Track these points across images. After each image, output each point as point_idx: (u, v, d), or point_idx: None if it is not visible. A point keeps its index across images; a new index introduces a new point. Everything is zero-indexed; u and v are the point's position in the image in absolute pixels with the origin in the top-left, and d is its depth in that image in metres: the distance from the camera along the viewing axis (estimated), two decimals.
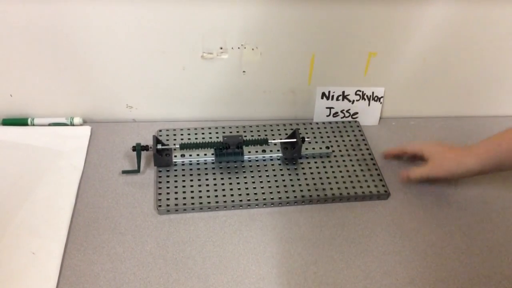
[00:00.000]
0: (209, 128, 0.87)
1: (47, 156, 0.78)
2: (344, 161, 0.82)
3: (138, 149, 0.77)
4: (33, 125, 0.85)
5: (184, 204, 0.72)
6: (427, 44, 0.84)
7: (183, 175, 0.77)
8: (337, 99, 0.90)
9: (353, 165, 0.82)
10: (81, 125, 0.86)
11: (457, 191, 0.80)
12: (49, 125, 0.85)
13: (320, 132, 0.88)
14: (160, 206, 0.72)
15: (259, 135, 0.86)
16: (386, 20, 0.80)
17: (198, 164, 0.80)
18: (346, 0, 0.76)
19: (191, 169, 0.79)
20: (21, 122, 0.84)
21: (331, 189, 0.77)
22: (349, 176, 0.80)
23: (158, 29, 0.76)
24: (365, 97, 0.90)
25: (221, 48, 0.80)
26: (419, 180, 0.77)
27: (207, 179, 0.77)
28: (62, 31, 0.74)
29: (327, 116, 0.92)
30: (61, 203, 0.71)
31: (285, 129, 0.88)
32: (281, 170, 0.80)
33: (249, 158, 0.81)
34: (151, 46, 0.78)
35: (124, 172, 0.78)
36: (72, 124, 0.85)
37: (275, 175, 0.79)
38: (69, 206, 0.71)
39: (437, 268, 0.68)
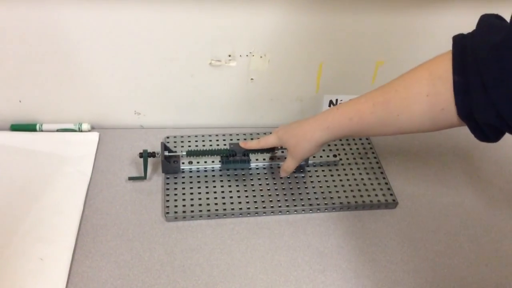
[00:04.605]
0: (217, 135, 0.87)
1: (55, 162, 0.78)
2: (351, 169, 0.82)
3: (145, 156, 0.77)
4: (42, 130, 0.85)
5: (192, 211, 0.72)
6: (434, 53, 0.84)
7: (191, 182, 0.77)
8: None
9: (360, 174, 0.82)
10: (89, 131, 0.86)
11: (464, 201, 0.80)
12: (58, 131, 0.85)
13: None
14: (168, 213, 0.72)
15: None
16: (394, 29, 0.80)
17: (205, 171, 0.80)
18: (354, 9, 0.76)
19: (198, 176, 0.79)
20: (29, 127, 0.84)
21: (339, 197, 0.77)
22: (357, 185, 0.79)
23: (167, 36, 0.76)
24: None
25: (230, 56, 0.80)
26: (292, 171, 0.75)
27: (214, 187, 0.77)
28: (71, 37, 0.75)
29: None
30: (69, 209, 0.71)
31: None
32: (288, 178, 0.79)
33: (256, 165, 0.81)
34: (160, 53, 0.79)
35: (131, 178, 0.78)
36: (80, 130, 0.86)
37: (282, 183, 0.79)
38: (77, 212, 0.71)
39: (446, 278, 0.68)
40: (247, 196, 0.76)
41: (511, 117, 0.45)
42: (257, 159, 0.81)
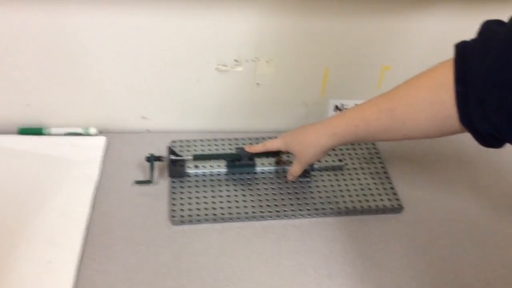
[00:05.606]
0: (222, 139, 0.88)
1: (62, 166, 0.79)
2: (357, 174, 0.83)
3: (152, 160, 0.77)
4: (49, 134, 0.85)
5: (198, 215, 0.73)
6: (439, 58, 0.84)
7: (197, 186, 0.78)
8: None
9: (366, 178, 0.82)
10: (96, 135, 0.87)
11: (469, 205, 0.80)
12: (65, 135, 0.86)
13: None
14: (174, 217, 0.72)
15: None
16: (400, 34, 0.81)
17: (211, 175, 0.80)
18: (360, 14, 0.77)
19: (204, 180, 0.79)
20: (37, 131, 0.85)
21: (344, 202, 0.77)
22: (362, 189, 0.80)
23: (174, 41, 0.77)
24: None
25: (236, 61, 0.81)
26: (298, 176, 0.77)
27: (220, 191, 0.77)
28: (78, 42, 0.75)
29: None
30: (76, 212, 0.72)
31: None
32: (294, 182, 0.80)
33: (262, 170, 0.81)
34: (166, 58, 0.79)
35: (137, 182, 0.78)
36: (87, 134, 0.86)
37: (288, 187, 0.79)
38: (84, 216, 0.71)
39: (451, 283, 0.68)
40: (252, 200, 0.76)
41: (504, 129, 0.46)
42: (262, 164, 0.82)
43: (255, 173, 0.81)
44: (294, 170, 0.74)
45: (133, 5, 0.71)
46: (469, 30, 0.56)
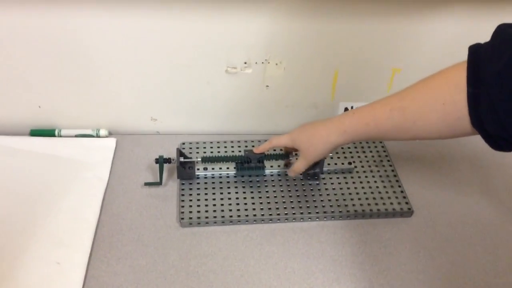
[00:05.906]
0: (232, 141, 0.88)
1: (73, 167, 0.80)
2: (366, 177, 0.82)
3: (161, 161, 0.78)
4: (60, 136, 0.86)
5: (206, 217, 0.73)
6: (450, 60, 0.83)
7: (206, 188, 0.78)
8: None
9: (375, 182, 0.81)
10: (106, 137, 0.87)
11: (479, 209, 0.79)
12: (76, 136, 0.87)
13: (342, 148, 0.88)
14: (182, 219, 0.72)
15: (281, 150, 0.86)
16: (410, 36, 0.80)
17: (220, 177, 0.80)
18: (371, 16, 0.76)
19: (213, 183, 0.79)
20: (48, 133, 0.86)
21: (353, 205, 0.77)
22: (372, 193, 0.79)
23: (184, 44, 0.77)
24: None
25: (245, 63, 0.81)
26: (301, 172, 0.75)
27: (229, 193, 0.77)
28: (89, 45, 0.76)
29: None
30: (86, 214, 0.72)
31: None
32: (303, 185, 0.79)
33: (271, 172, 0.81)
34: (176, 61, 0.80)
35: (146, 184, 0.79)
36: (98, 136, 0.87)
37: (296, 190, 0.79)
38: (94, 217, 0.72)
39: None
40: (261, 203, 0.76)
41: None
42: (271, 166, 0.81)
43: (264, 175, 0.81)
44: (298, 166, 0.73)
45: (143, 7, 0.72)
46: (479, 33, 0.56)
